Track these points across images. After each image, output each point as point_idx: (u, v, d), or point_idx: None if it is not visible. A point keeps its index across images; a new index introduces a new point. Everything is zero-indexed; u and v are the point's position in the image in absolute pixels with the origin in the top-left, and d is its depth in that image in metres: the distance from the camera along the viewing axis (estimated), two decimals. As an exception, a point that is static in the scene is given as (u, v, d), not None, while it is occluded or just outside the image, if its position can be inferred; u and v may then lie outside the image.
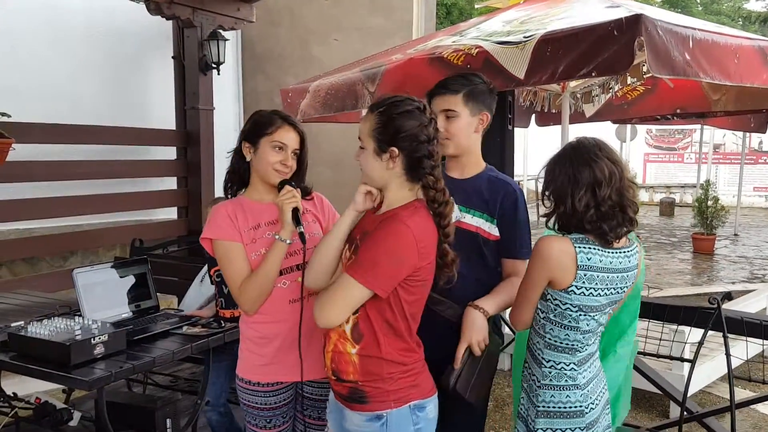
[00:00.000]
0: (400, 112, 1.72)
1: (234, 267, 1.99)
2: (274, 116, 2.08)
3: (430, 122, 1.75)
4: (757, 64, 3.34)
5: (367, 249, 1.68)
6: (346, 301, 1.67)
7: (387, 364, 1.71)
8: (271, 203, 2.08)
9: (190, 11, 5.52)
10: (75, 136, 5.29)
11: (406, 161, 1.72)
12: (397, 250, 1.65)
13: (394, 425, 1.70)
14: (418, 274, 1.69)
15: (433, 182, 1.73)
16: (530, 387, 1.92)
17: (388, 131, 1.72)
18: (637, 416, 3.88)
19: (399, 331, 1.72)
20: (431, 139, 1.74)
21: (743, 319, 2.12)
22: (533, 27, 3.41)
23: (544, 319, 1.86)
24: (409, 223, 1.67)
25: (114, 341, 2.36)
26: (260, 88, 7.63)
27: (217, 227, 2.01)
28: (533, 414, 1.88)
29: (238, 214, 2.03)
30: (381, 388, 1.70)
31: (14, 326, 2.50)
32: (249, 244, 2.02)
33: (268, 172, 2.05)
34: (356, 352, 1.72)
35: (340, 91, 4.13)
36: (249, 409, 2.09)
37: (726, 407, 2.22)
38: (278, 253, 1.97)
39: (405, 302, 1.70)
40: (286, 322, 2.02)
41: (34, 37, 5.49)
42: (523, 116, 6.24)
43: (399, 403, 1.71)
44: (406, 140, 1.71)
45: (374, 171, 1.75)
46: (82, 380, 2.19)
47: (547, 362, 1.88)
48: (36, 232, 5.35)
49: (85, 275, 2.70)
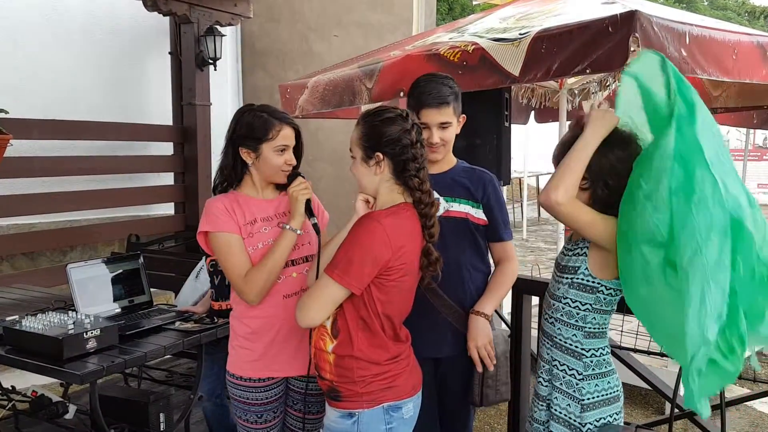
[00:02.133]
0: (382, 119, 1.81)
1: (235, 259, 1.99)
2: (269, 119, 2.04)
3: (413, 127, 1.83)
4: (756, 60, 3.33)
5: (343, 248, 1.74)
6: (324, 299, 1.73)
7: (358, 363, 1.75)
8: (266, 200, 2.10)
9: (187, 7, 5.52)
10: (73, 132, 5.31)
11: (392, 165, 1.81)
12: (369, 246, 1.70)
13: (365, 424, 1.76)
14: (390, 274, 1.73)
15: (418, 184, 1.80)
16: (568, 384, 1.88)
17: (373, 137, 1.81)
18: (632, 413, 3.88)
19: (374, 329, 1.75)
20: (414, 143, 1.81)
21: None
22: (529, 24, 3.41)
23: (584, 311, 1.85)
24: (382, 220, 1.73)
25: (106, 336, 2.38)
26: (260, 84, 7.63)
27: (215, 219, 2.01)
28: (578, 410, 1.85)
29: (235, 208, 2.04)
30: (353, 390, 1.76)
31: (9, 320, 2.51)
32: (246, 238, 2.02)
33: (276, 174, 2.07)
34: (332, 350, 1.77)
35: (338, 87, 4.14)
36: (239, 405, 2.09)
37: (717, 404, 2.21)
38: (287, 243, 1.98)
39: (378, 301, 1.74)
40: (278, 317, 2.03)
41: (33, 34, 5.49)
42: (522, 113, 6.23)
43: (372, 404, 1.76)
44: (389, 144, 1.79)
45: (364, 178, 1.85)
46: (74, 374, 2.21)
47: (588, 352, 1.86)
48: (36, 227, 5.37)
49: (78, 270, 2.71)
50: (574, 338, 1.87)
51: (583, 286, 1.83)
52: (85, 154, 5.49)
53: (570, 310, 1.86)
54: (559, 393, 1.90)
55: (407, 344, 1.88)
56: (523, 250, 9.79)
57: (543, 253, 9.53)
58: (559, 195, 1.70)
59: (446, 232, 2.02)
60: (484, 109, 4.14)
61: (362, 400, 1.76)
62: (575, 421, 1.85)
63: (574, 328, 1.87)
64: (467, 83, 3.41)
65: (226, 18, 5.92)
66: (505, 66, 3.18)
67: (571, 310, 1.86)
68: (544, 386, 1.97)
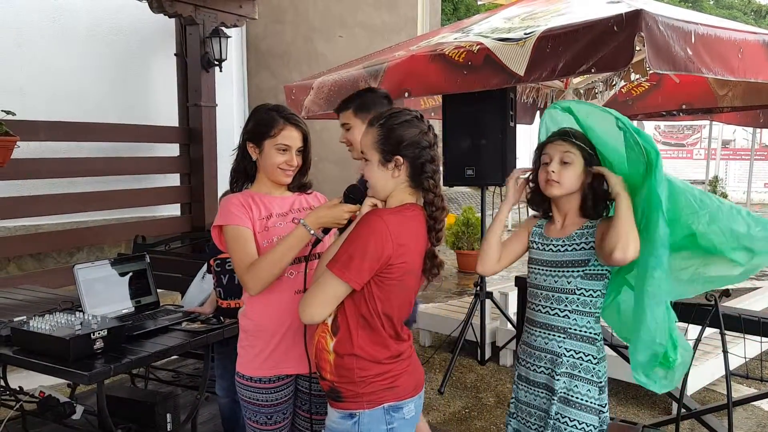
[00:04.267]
0: (400, 122, 1.80)
1: (244, 250, 1.99)
2: (275, 117, 2.09)
3: (429, 129, 1.83)
4: (761, 59, 3.32)
5: (345, 244, 1.74)
6: (325, 295, 1.73)
7: (358, 363, 1.74)
8: (279, 197, 2.13)
9: (192, 8, 5.54)
10: (79, 134, 5.33)
11: (410, 168, 1.80)
12: (370, 241, 1.69)
13: (366, 424, 1.75)
14: (391, 272, 1.72)
15: (433, 186, 1.81)
16: (586, 369, 1.99)
17: (391, 141, 1.79)
18: (639, 413, 3.87)
19: (374, 327, 1.75)
20: (432, 145, 1.82)
21: (741, 316, 2.11)
22: (534, 23, 3.40)
23: (597, 297, 2.00)
24: (384, 217, 1.73)
25: (113, 336, 2.38)
26: (265, 85, 7.65)
27: (229, 213, 2.03)
28: (596, 393, 1.98)
29: (251, 204, 2.06)
30: (354, 391, 1.76)
31: (17, 321, 2.52)
32: (261, 232, 2.03)
33: (275, 173, 2.10)
34: (333, 348, 1.76)
35: (343, 87, 4.16)
36: (249, 406, 2.09)
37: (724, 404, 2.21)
38: (296, 239, 1.94)
39: (378, 299, 1.73)
40: (290, 314, 2.03)
41: (40, 36, 5.53)
42: (528, 113, 6.22)
43: (372, 404, 1.76)
44: (409, 147, 1.79)
45: (380, 181, 1.83)
46: (81, 374, 2.21)
47: (598, 335, 2.02)
48: (43, 228, 5.40)
49: (85, 271, 2.72)
50: (588, 325, 2.01)
51: (594, 275, 1.98)
52: (92, 155, 5.52)
53: (585, 299, 1.99)
54: (579, 381, 1.99)
55: (409, 342, 1.87)
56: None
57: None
58: (632, 252, 1.84)
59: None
60: (488, 109, 4.15)
61: (363, 400, 1.75)
62: (595, 403, 1.97)
63: (588, 315, 2.00)
64: (472, 83, 3.43)
65: (231, 19, 5.94)
66: (509, 66, 3.19)
67: (585, 299, 1.99)
68: (545, 375, 2.04)
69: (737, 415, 3.86)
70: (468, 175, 4.20)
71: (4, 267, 5.26)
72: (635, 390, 4.20)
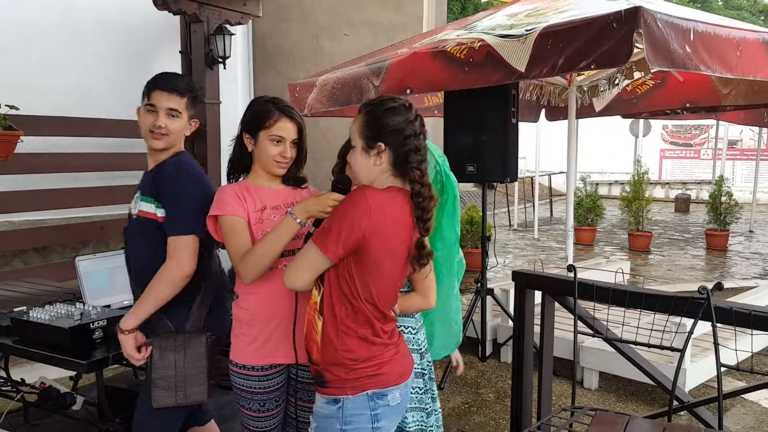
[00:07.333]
0: (385, 109, 1.81)
1: (238, 240, 2.02)
2: (271, 108, 2.12)
3: (416, 118, 1.82)
4: (760, 57, 3.32)
5: (328, 218, 1.79)
6: (305, 263, 1.78)
7: (343, 342, 1.76)
8: (274, 189, 2.15)
9: (197, 6, 5.56)
10: (83, 129, 5.37)
11: (392, 156, 1.79)
12: (348, 213, 1.73)
13: (349, 410, 1.77)
14: (369, 248, 1.72)
15: (419, 176, 1.80)
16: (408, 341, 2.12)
17: (375, 127, 1.79)
18: (637, 409, 3.88)
19: (358, 307, 1.76)
20: (417, 134, 1.81)
21: (732, 309, 2.11)
22: (536, 20, 3.41)
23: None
24: (366, 192, 1.75)
25: (113, 326, 2.40)
26: (271, 83, 7.66)
27: (224, 204, 2.05)
28: (418, 358, 2.17)
29: (246, 195, 2.08)
30: (338, 376, 1.78)
31: (17, 311, 2.56)
32: (255, 224, 2.06)
33: (269, 164, 2.13)
34: (321, 327, 1.79)
35: (346, 85, 4.17)
36: (242, 393, 2.12)
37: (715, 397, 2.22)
38: (286, 229, 1.94)
39: (359, 281, 1.75)
40: (282, 304, 2.05)
41: (46, 33, 5.57)
42: (532, 111, 6.23)
43: (356, 390, 1.78)
44: (391, 135, 1.78)
45: (362, 168, 1.82)
46: (80, 363, 2.24)
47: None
48: (47, 223, 5.44)
49: (86, 263, 2.76)
50: None
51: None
52: (96, 150, 5.56)
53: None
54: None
55: (394, 324, 1.88)
56: (534, 249, 9.78)
57: (554, 252, 9.50)
58: None
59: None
60: (490, 106, 4.16)
61: (347, 386, 1.77)
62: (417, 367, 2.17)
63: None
64: (473, 80, 3.43)
65: (235, 17, 5.97)
66: (510, 62, 3.19)
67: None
68: None
69: (735, 411, 3.87)
70: (469, 172, 4.21)
71: (9, 261, 5.30)
72: (633, 386, 4.20)
